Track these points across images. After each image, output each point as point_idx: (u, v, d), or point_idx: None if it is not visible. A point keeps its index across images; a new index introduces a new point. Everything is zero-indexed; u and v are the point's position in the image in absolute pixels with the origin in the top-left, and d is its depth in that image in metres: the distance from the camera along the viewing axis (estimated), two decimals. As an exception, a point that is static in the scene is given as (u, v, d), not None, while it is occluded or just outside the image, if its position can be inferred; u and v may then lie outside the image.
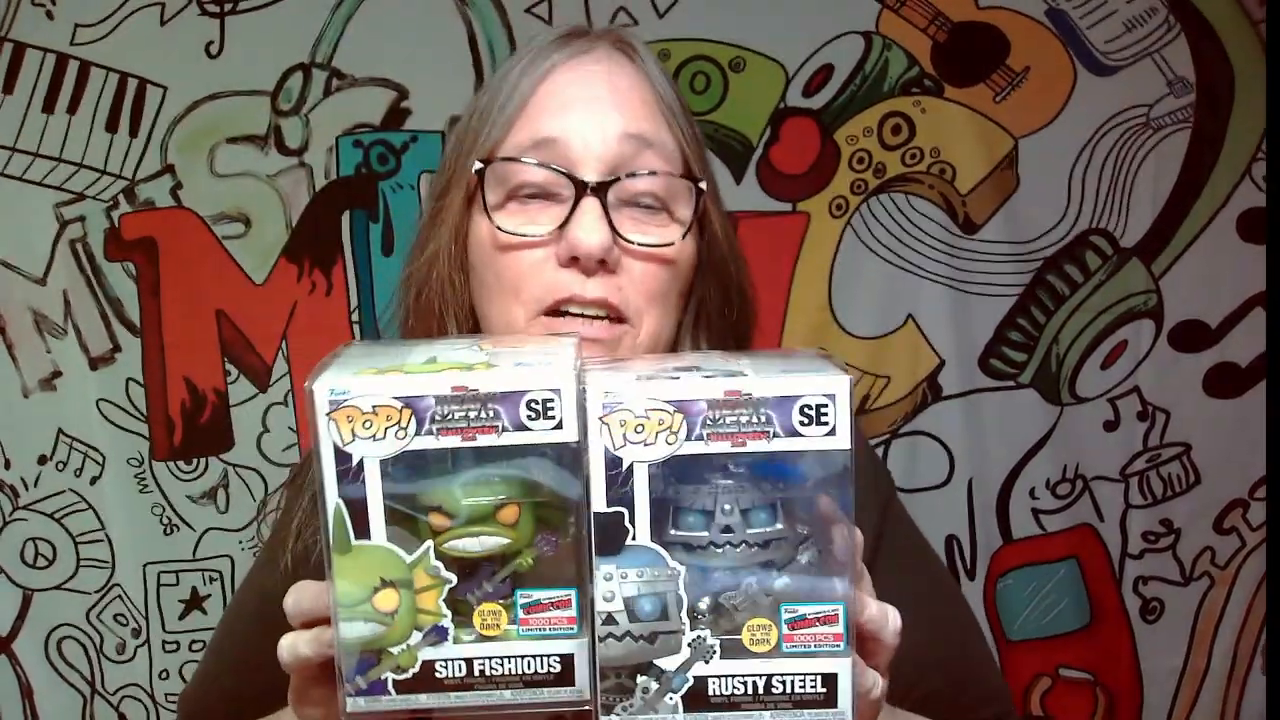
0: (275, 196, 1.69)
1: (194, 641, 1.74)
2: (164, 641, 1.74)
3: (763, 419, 0.61)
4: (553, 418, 0.62)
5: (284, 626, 0.67)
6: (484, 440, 0.61)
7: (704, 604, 0.62)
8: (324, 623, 0.64)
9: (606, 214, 0.77)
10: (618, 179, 0.78)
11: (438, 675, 0.62)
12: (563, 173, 0.78)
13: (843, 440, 0.61)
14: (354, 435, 0.62)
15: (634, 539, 0.62)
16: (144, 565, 1.73)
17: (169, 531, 1.73)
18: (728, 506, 0.62)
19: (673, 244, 0.79)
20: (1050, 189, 1.68)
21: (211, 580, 1.74)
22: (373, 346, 0.72)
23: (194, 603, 1.74)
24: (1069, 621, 1.74)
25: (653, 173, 0.79)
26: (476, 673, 0.62)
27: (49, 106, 1.67)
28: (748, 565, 0.62)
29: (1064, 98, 1.66)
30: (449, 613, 0.62)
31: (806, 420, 0.61)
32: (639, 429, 0.62)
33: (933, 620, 0.89)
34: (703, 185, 0.81)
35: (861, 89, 1.67)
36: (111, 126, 1.68)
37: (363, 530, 0.62)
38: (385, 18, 1.66)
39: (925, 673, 0.85)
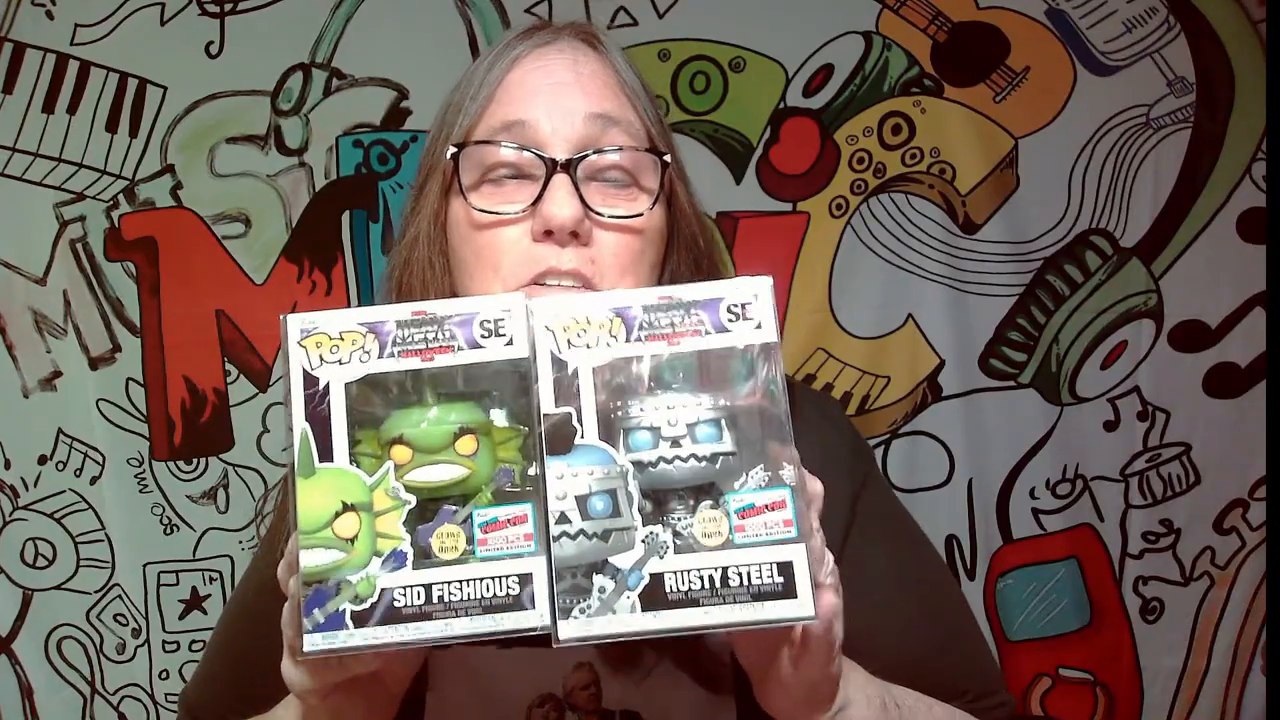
0: (275, 196, 1.69)
1: (194, 641, 1.74)
2: (164, 641, 1.74)
3: (694, 319, 0.66)
4: (504, 335, 0.66)
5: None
6: (442, 360, 0.66)
7: (661, 520, 0.64)
8: None
9: (577, 189, 0.80)
10: (585, 155, 0.81)
11: (396, 604, 0.63)
12: (533, 152, 0.81)
13: (769, 333, 0.66)
14: (321, 360, 0.66)
15: (583, 438, 0.65)
16: (144, 565, 1.73)
17: (169, 531, 1.73)
18: (673, 420, 0.65)
19: (641, 214, 0.82)
20: (1050, 189, 1.68)
21: (211, 580, 1.74)
22: None
23: (194, 603, 1.74)
24: (1069, 621, 1.74)
25: (619, 148, 0.82)
26: (435, 599, 0.63)
27: (49, 106, 1.67)
28: (699, 480, 0.64)
29: (1064, 98, 1.66)
30: (408, 536, 0.63)
31: (734, 317, 0.66)
32: (581, 333, 0.66)
33: (915, 598, 0.89)
34: (667, 158, 0.84)
35: (861, 89, 1.67)
36: (111, 126, 1.68)
37: (326, 454, 0.65)
38: (385, 18, 1.66)
39: (911, 651, 0.85)
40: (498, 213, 0.82)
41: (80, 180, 1.69)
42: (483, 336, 0.66)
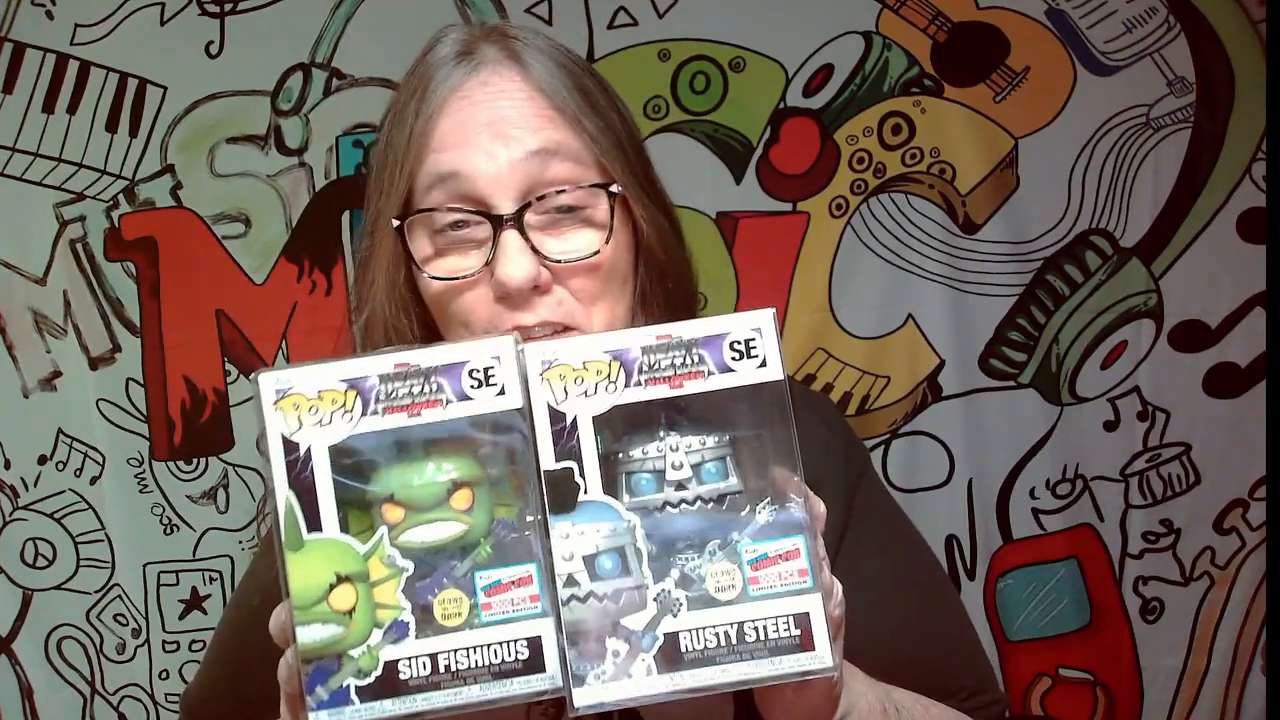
0: (275, 196, 1.69)
1: (194, 641, 1.74)
2: (164, 641, 1.74)
3: (696, 359, 0.63)
4: (495, 384, 0.63)
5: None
6: (429, 415, 0.62)
7: (672, 574, 0.62)
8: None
9: (527, 239, 0.77)
10: (529, 204, 0.78)
11: (401, 676, 0.61)
12: (476, 211, 0.78)
13: (775, 371, 0.63)
14: (300, 423, 0.62)
15: (586, 494, 0.62)
16: (144, 565, 1.73)
17: (169, 531, 1.73)
18: (677, 463, 0.63)
19: (598, 252, 0.79)
20: (1050, 189, 1.68)
21: (211, 580, 1.74)
22: None
23: (194, 603, 1.74)
24: (1069, 621, 1.74)
25: (561, 190, 0.79)
26: (442, 669, 0.61)
27: (49, 106, 1.67)
28: (706, 524, 0.62)
29: (1064, 98, 1.66)
30: (408, 604, 0.61)
31: (738, 355, 0.64)
32: (579, 380, 0.63)
33: (910, 598, 0.89)
34: (614, 189, 0.80)
35: (861, 89, 1.67)
36: (111, 126, 1.68)
37: (314, 523, 0.62)
38: (385, 18, 1.66)
39: (906, 651, 0.85)
40: (455, 278, 0.79)
41: (80, 180, 1.69)
42: (472, 387, 0.63)
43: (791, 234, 1.69)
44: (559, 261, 0.78)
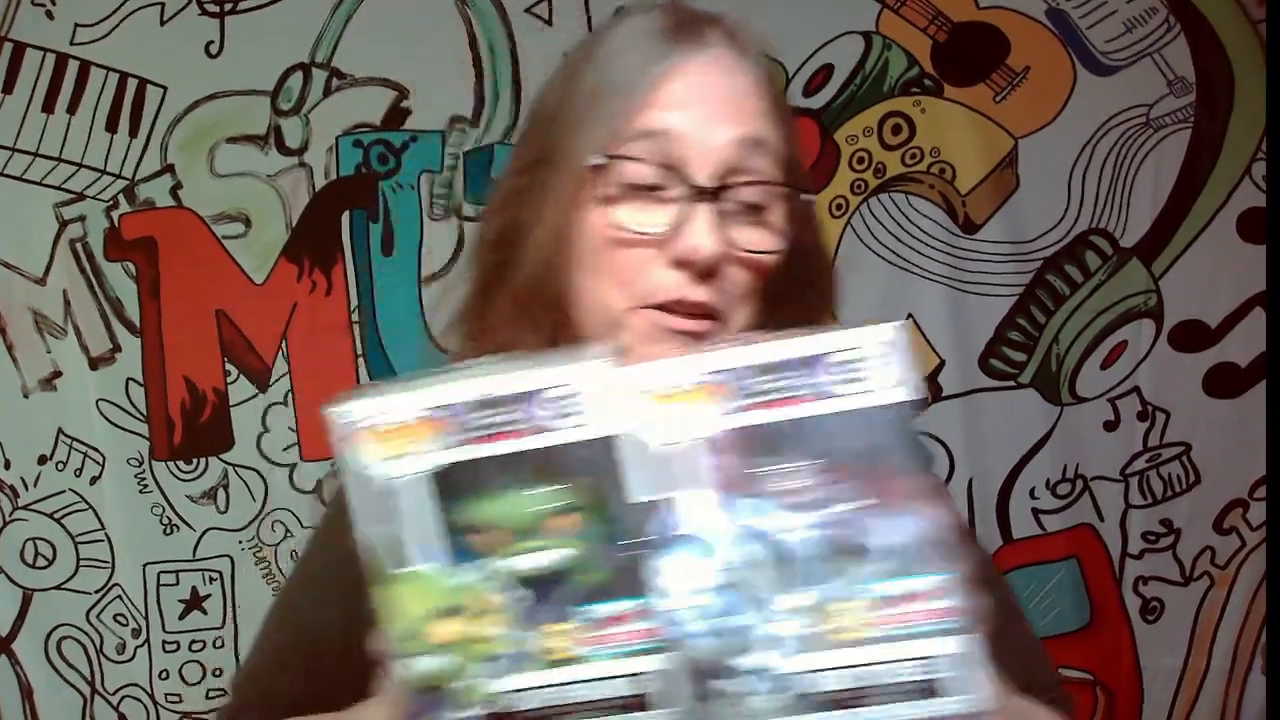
0: (275, 196, 1.69)
1: (194, 641, 1.74)
2: (164, 641, 1.74)
3: (807, 380, 0.56)
4: (582, 413, 0.58)
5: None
6: (517, 444, 0.58)
7: (786, 609, 0.56)
8: None
9: (720, 219, 0.77)
10: (729, 185, 0.77)
11: (508, 711, 0.58)
12: (681, 174, 0.77)
13: (899, 390, 0.56)
14: (382, 457, 0.59)
15: (692, 527, 0.57)
16: (144, 565, 1.73)
17: (169, 531, 1.73)
18: (793, 488, 0.56)
19: (778, 250, 0.80)
20: (1050, 189, 1.68)
21: (211, 580, 1.74)
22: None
23: (194, 603, 1.74)
24: (1069, 621, 1.74)
25: (763, 181, 0.79)
26: (549, 704, 0.58)
27: (49, 106, 1.67)
28: (830, 554, 0.56)
29: (1064, 98, 1.66)
30: (512, 635, 0.58)
31: (857, 376, 0.56)
32: (677, 406, 0.57)
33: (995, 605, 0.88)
34: (812, 197, 0.82)
35: (861, 89, 1.67)
36: (111, 126, 1.68)
37: (405, 558, 0.59)
38: (385, 18, 1.66)
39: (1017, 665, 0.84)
40: (636, 232, 0.77)
41: (80, 180, 1.68)
42: (559, 417, 0.58)
43: (791, 234, 1.68)
44: (742, 251, 0.78)
